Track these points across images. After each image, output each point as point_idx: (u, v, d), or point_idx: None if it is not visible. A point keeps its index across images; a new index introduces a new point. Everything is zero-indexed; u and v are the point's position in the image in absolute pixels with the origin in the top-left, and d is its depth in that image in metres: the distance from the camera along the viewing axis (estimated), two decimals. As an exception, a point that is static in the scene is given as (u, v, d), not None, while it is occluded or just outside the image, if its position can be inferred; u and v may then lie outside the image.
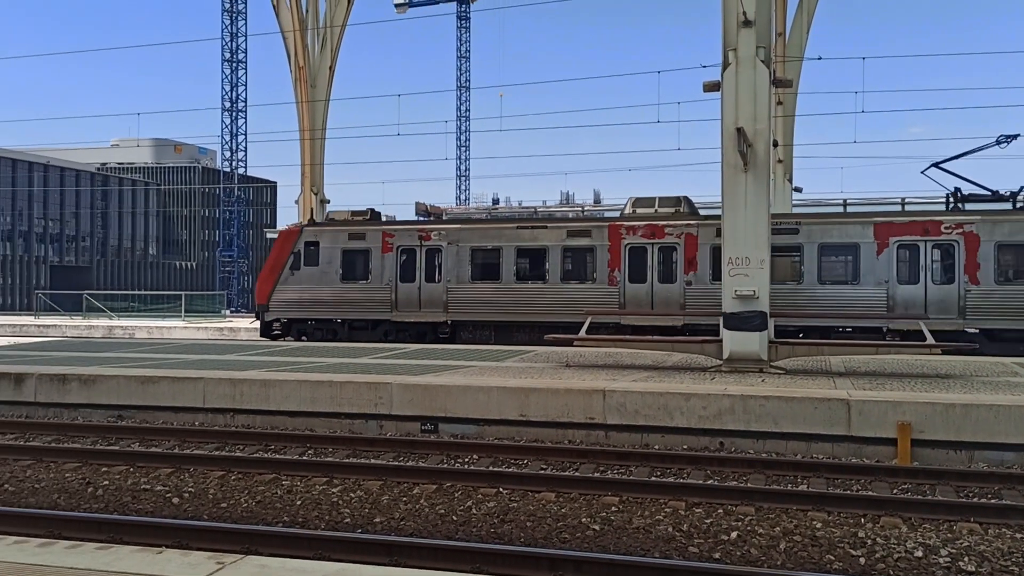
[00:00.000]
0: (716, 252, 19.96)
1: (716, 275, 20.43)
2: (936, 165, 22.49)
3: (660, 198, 23.56)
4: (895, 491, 9.42)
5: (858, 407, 11.04)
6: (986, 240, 20.24)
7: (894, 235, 20.96)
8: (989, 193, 21.81)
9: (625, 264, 22.75)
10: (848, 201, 39.14)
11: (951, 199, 22.26)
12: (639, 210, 23.46)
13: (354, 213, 26.12)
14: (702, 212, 23.93)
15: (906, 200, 30.68)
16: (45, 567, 4.70)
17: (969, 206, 21.71)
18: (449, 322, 24.10)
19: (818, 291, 21.34)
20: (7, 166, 75.54)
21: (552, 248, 23.27)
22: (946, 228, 20.65)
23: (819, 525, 8.21)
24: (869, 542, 7.76)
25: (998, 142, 23.01)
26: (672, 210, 23.21)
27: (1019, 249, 20.22)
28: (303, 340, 24.53)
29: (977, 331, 20.24)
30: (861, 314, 20.79)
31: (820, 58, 65.31)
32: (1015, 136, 22.84)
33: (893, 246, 20.96)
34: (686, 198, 23.80)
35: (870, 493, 9.26)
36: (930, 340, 15.10)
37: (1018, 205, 21.18)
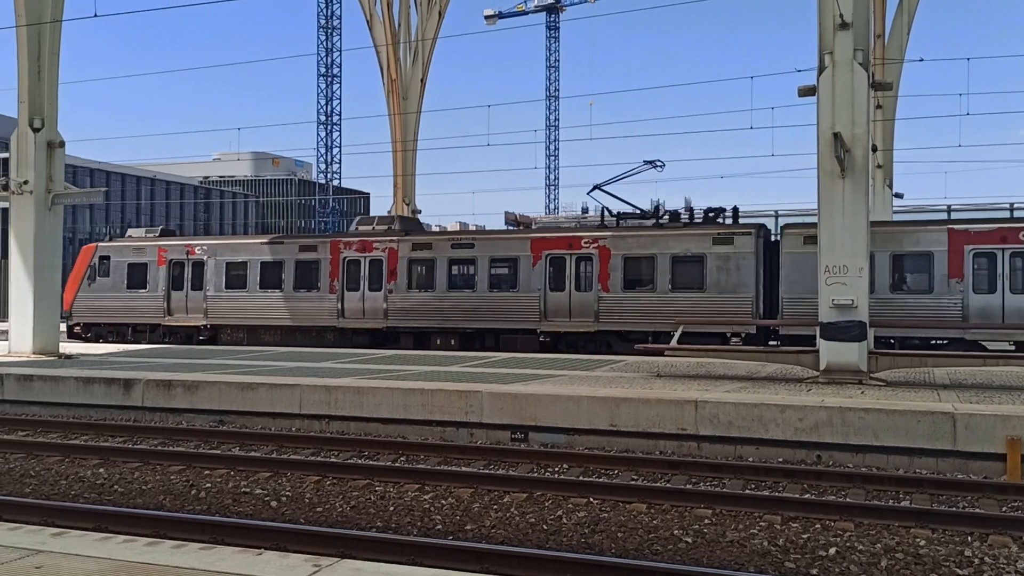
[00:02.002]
0: (412, 264, 25.18)
1: (412, 284, 25.21)
2: (598, 187, 25.51)
3: (379, 217, 27.36)
4: (1004, 509, 9.02)
5: (964, 420, 10.62)
6: (615, 253, 23.45)
7: (547, 248, 24.24)
8: (639, 211, 25.32)
9: (343, 275, 26.04)
10: (920, 208, 37.92)
11: (605, 217, 25.59)
12: (360, 227, 27.05)
13: (148, 230, 30.89)
14: (790, 220, 24.98)
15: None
16: (152, 565, 4.88)
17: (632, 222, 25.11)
18: (209, 326, 27.79)
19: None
20: (117, 180, 78.88)
21: (288, 261, 26.73)
22: (586, 243, 23.89)
23: (922, 543, 7.91)
24: (976, 561, 7.45)
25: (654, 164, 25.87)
26: (386, 227, 26.41)
27: (639, 261, 23.41)
28: (100, 341, 28.31)
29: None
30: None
31: (922, 60, 63.30)
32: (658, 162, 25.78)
33: (566, 257, 24.08)
34: (401, 217, 28.32)
35: (977, 510, 8.88)
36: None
37: (660, 221, 24.45)
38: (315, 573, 4.77)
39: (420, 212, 37.69)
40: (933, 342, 20.73)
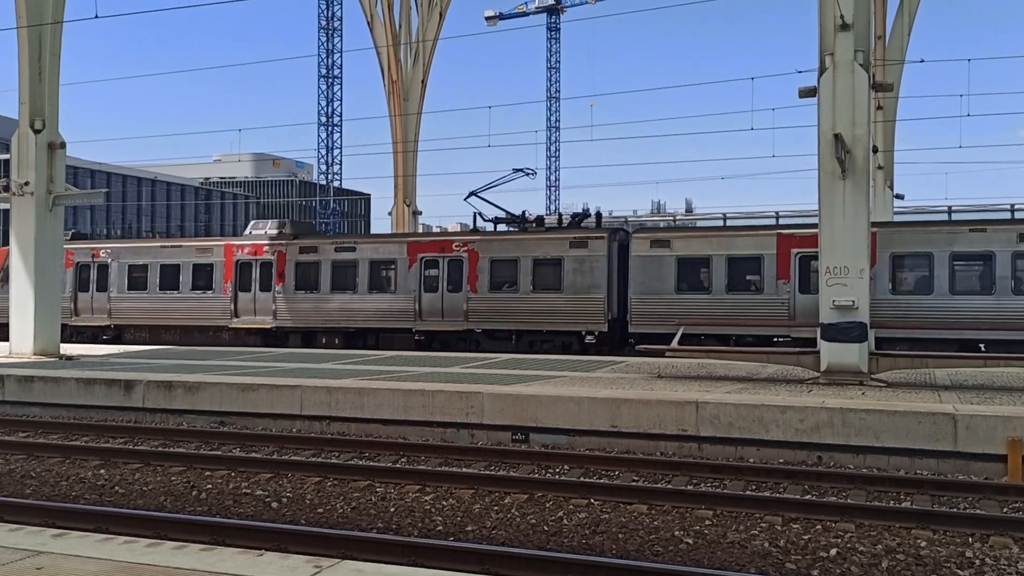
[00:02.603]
0: (299, 267, 26.36)
1: (299, 286, 26.36)
2: (473, 194, 26.64)
3: (275, 221, 28.07)
4: (1005, 510, 9.02)
5: (965, 422, 10.61)
6: (483, 256, 24.78)
7: (421, 252, 25.60)
8: (510, 216, 26.48)
9: (236, 276, 27.24)
10: (928, 209, 38.01)
11: (477, 221, 26.78)
12: (254, 231, 27.90)
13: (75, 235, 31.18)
14: (790, 220, 25.68)
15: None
16: (153, 566, 4.88)
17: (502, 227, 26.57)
18: (113, 326, 28.89)
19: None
20: (118, 181, 78.88)
21: (185, 263, 27.88)
22: (456, 247, 25.30)
23: (923, 544, 7.91)
24: (977, 562, 7.44)
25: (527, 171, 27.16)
26: (277, 232, 27.34)
27: (504, 264, 24.75)
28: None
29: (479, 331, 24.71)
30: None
31: (922, 61, 63.36)
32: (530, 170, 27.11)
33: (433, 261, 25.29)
34: (293, 221, 29.70)
35: (978, 511, 8.88)
36: None
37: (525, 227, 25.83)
38: (316, 574, 4.78)
39: (421, 213, 37.73)
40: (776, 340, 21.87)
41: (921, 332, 19.96)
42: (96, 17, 21.20)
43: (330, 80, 72.13)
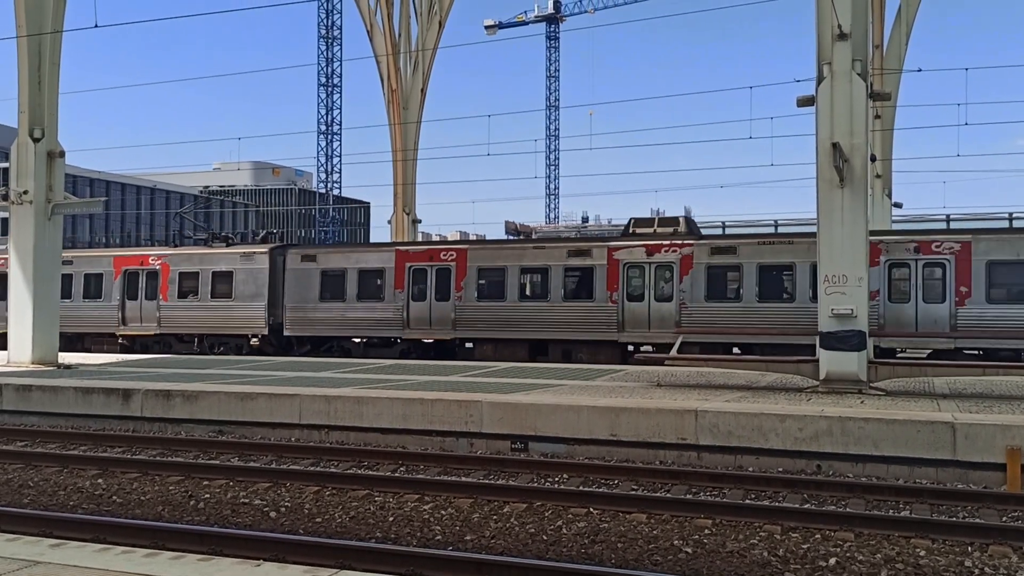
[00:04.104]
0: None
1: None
2: (179, 213, 30.27)
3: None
4: (1004, 519, 9.00)
5: (964, 430, 10.61)
6: (173, 269, 28.20)
7: (124, 265, 28.75)
8: (209, 233, 30.19)
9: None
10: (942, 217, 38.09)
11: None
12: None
13: None
14: (798, 230, 25.96)
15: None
16: (151, 577, 4.88)
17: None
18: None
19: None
20: (116, 190, 78.90)
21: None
22: (152, 260, 28.64)
23: (923, 553, 7.90)
24: (976, 572, 7.43)
25: None
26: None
27: (188, 276, 28.01)
28: None
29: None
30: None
31: (920, 70, 63.26)
32: None
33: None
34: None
35: (977, 520, 8.87)
36: None
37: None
38: (314, 584, 4.76)
39: (420, 221, 37.74)
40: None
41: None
42: (96, 27, 21.23)
43: (330, 88, 72.37)
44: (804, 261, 21.46)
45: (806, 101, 15.03)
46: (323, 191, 74.53)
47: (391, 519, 9.25)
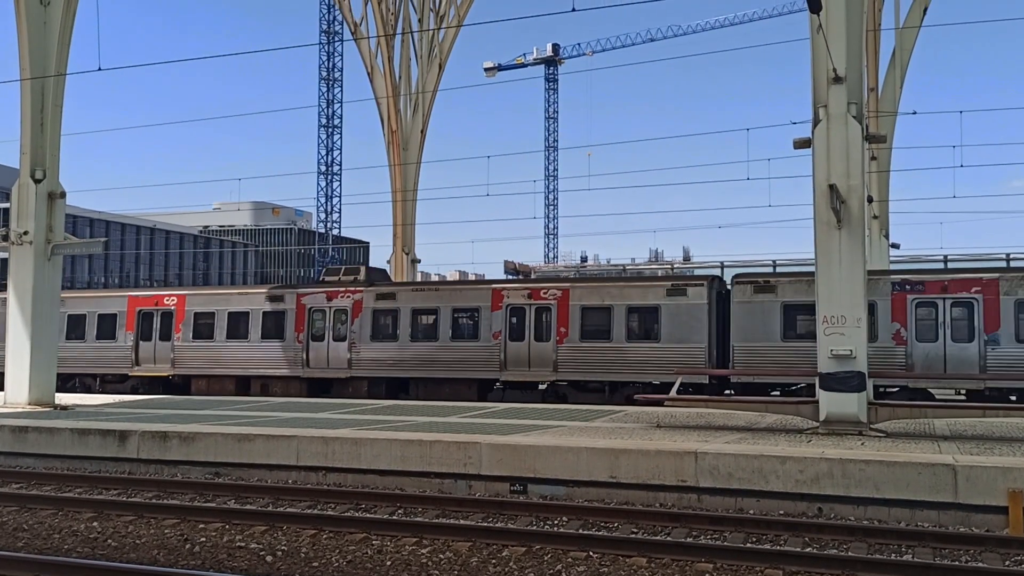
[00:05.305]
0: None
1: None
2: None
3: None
4: (1007, 563, 8.92)
5: (965, 473, 10.54)
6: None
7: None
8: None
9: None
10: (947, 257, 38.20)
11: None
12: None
13: None
14: (789, 269, 28.10)
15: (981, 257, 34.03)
16: (145, 623, 4.81)
17: None
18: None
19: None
20: (116, 230, 79.11)
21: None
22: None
23: (926, 598, 7.81)
24: (981, 618, 7.34)
25: None
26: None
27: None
28: None
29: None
30: None
31: (915, 112, 64.04)
32: None
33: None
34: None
35: (980, 564, 8.79)
36: None
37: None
38: (310, 631, 4.71)
39: (420, 261, 37.83)
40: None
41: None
42: (100, 70, 21.44)
43: (330, 129, 72.95)
44: (447, 306, 25.77)
45: (803, 143, 15.16)
46: (323, 231, 74.76)
47: (388, 563, 9.15)
